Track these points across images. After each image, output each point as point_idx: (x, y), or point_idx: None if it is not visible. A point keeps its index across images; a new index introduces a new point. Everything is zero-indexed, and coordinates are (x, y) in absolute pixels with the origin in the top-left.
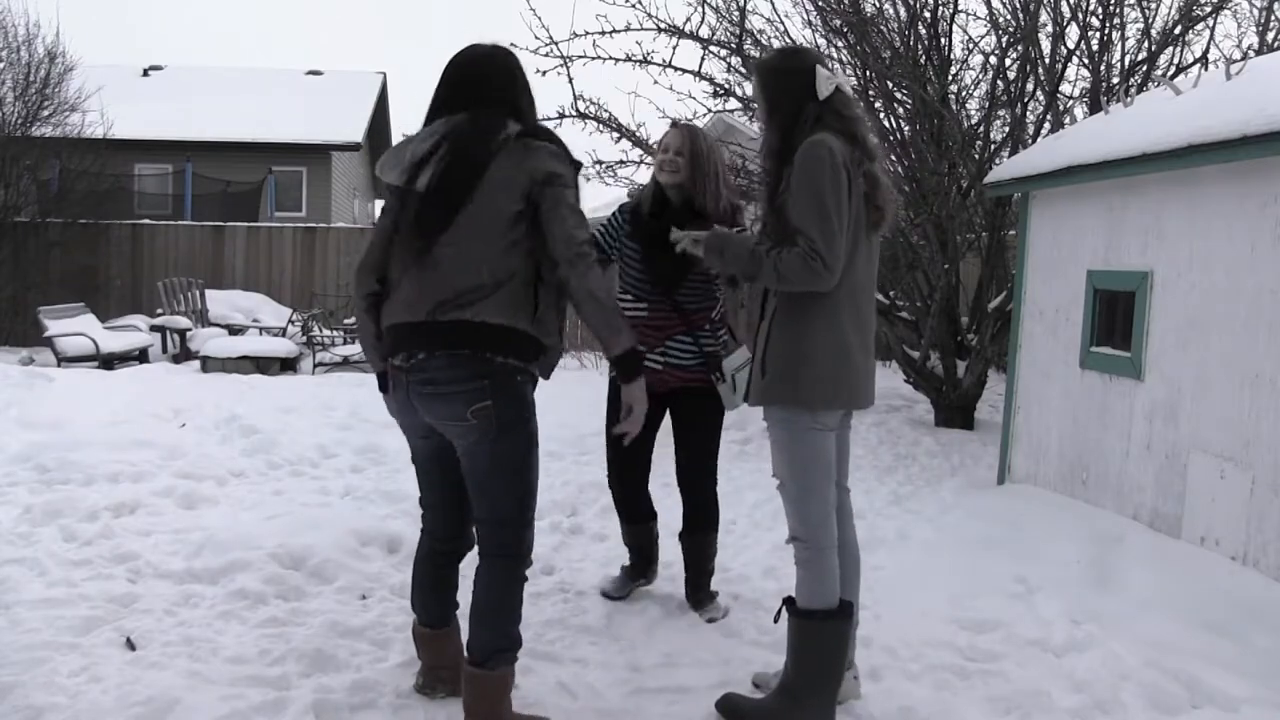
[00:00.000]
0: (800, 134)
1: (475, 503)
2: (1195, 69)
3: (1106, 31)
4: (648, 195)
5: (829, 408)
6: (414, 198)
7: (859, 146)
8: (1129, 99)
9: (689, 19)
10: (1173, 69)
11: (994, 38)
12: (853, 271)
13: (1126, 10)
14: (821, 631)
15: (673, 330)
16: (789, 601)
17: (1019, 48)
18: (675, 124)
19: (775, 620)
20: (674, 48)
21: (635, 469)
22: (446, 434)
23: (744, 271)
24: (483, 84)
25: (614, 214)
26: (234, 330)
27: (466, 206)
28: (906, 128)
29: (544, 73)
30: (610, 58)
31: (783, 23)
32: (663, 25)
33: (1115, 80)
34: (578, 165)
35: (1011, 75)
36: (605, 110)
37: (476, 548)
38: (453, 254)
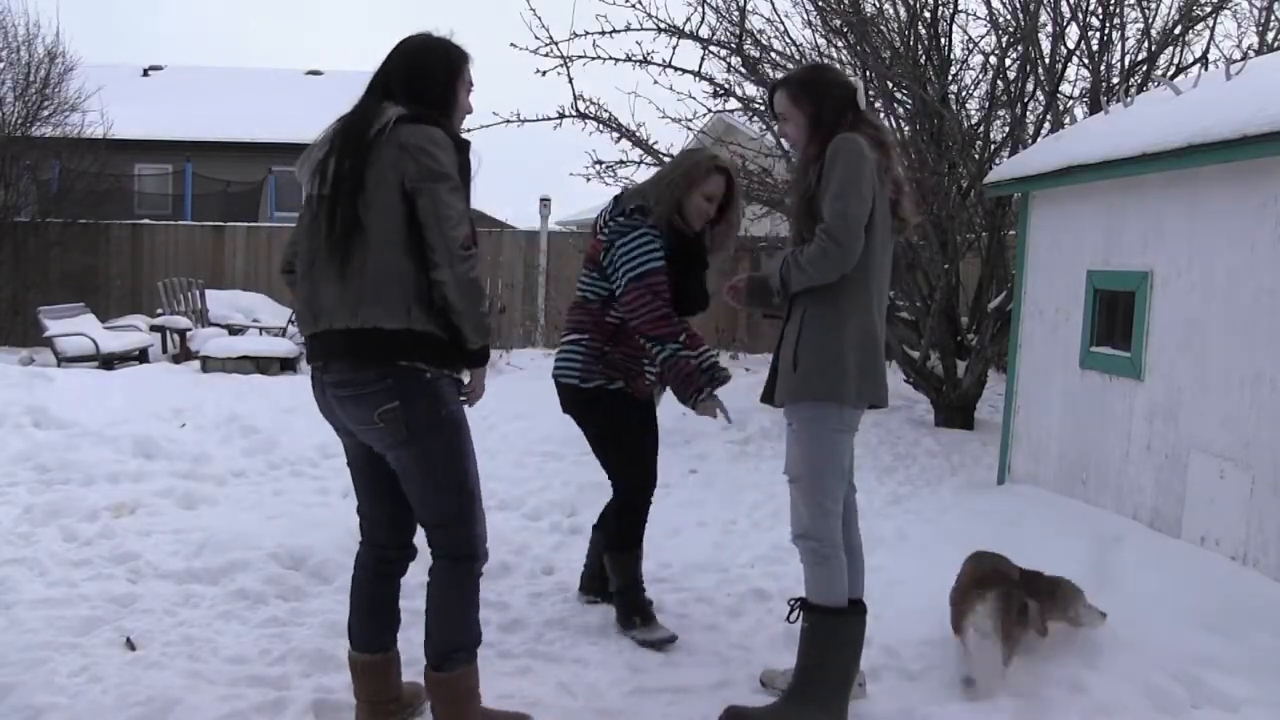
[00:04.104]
0: None
1: (415, 508)
2: (1195, 69)
3: (1106, 31)
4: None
5: (861, 402)
6: (315, 202)
7: (885, 153)
8: (1129, 99)
9: (689, 19)
10: (1173, 69)
11: (994, 38)
12: (880, 271)
13: (1126, 10)
14: (837, 628)
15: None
16: (802, 600)
17: (1019, 48)
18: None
19: (788, 619)
20: (674, 48)
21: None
22: (362, 438)
23: (780, 285)
24: (394, 73)
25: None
26: (234, 330)
27: (362, 208)
28: (906, 128)
29: (544, 73)
30: (610, 58)
31: (783, 23)
32: (663, 25)
33: (1115, 80)
34: (464, 145)
35: (1011, 75)
36: (605, 110)
37: (431, 556)
38: (347, 259)
